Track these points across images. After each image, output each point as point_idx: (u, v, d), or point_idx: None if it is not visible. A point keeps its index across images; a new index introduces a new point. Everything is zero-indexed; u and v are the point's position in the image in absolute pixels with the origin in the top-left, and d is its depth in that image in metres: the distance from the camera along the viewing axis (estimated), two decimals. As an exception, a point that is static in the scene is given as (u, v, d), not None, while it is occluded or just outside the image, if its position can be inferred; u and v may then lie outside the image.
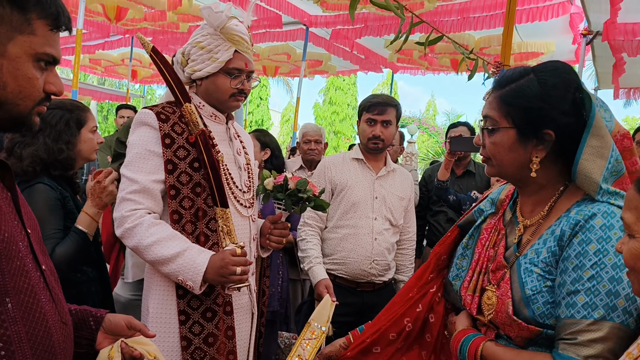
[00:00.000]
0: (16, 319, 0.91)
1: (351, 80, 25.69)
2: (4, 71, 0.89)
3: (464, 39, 6.56)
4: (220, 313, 1.68)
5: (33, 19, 0.91)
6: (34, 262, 0.99)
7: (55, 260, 1.71)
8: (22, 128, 0.98)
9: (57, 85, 0.97)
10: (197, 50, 1.70)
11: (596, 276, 1.02)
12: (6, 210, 0.95)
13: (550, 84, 1.13)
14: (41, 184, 1.79)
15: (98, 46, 9.30)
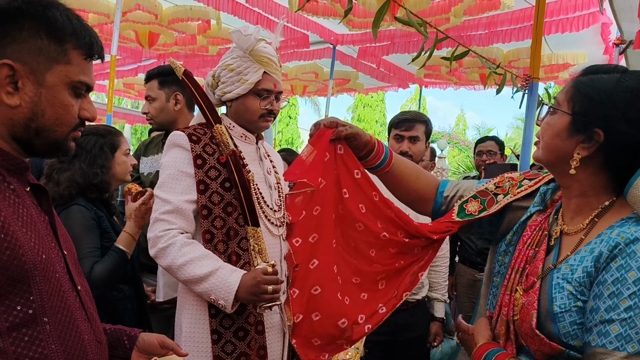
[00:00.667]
0: (53, 337, 0.93)
1: (379, 97, 25.75)
2: (42, 99, 0.94)
3: (492, 53, 6.50)
4: (252, 332, 1.68)
5: (69, 49, 0.96)
6: (70, 282, 1.03)
7: (94, 278, 1.78)
8: (59, 153, 1.03)
9: (90, 111, 1.03)
10: (227, 73, 1.74)
11: (634, 307, 0.96)
12: (44, 233, 0.98)
13: (625, 87, 1.05)
14: (76, 205, 1.86)
15: (131, 71, 9.60)
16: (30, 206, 0.98)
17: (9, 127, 0.94)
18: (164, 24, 6.36)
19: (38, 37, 0.93)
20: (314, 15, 5.78)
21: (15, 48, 0.92)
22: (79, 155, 1.92)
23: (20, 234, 0.90)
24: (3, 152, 0.95)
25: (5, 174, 0.95)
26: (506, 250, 1.29)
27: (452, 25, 5.57)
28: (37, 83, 0.94)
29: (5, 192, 0.93)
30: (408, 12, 2.31)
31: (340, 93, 10.17)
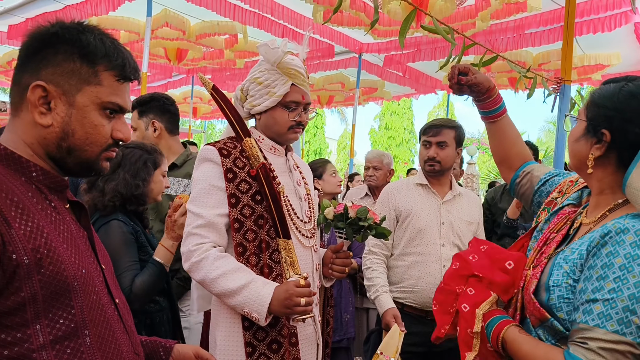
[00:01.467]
0: (94, 350, 0.96)
1: (406, 104, 25.64)
2: (72, 119, 0.98)
3: (521, 56, 6.41)
4: (286, 344, 1.68)
5: (100, 71, 0.99)
6: (108, 296, 1.05)
7: (136, 290, 1.83)
8: (92, 173, 1.06)
9: (123, 132, 1.05)
10: (256, 86, 1.76)
11: (617, 290, 1.06)
12: (83, 248, 1.01)
13: (626, 91, 1.18)
14: (115, 221, 1.91)
15: (161, 87, 9.82)
16: (70, 222, 1.01)
17: (44, 146, 0.98)
18: (192, 40, 6.49)
19: (71, 60, 0.97)
20: (339, 26, 5.81)
21: (50, 70, 0.96)
22: (123, 166, 2.00)
23: (61, 249, 0.93)
24: (45, 171, 0.98)
25: (46, 192, 0.98)
26: (536, 237, 1.41)
27: (478, 30, 5.51)
28: (68, 104, 0.97)
29: (47, 210, 0.96)
30: (434, 19, 2.29)
31: (367, 102, 10.16)
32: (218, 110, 12.42)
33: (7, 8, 6.05)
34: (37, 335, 0.89)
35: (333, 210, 1.80)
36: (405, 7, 4.50)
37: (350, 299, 3.23)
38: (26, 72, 0.97)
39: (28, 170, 0.96)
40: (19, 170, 0.95)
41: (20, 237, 0.87)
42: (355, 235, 1.80)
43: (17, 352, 0.87)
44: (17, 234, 0.87)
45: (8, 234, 0.86)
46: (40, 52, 0.96)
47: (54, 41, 0.96)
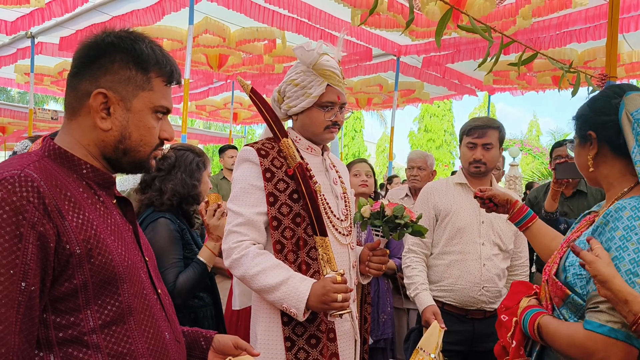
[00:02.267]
0: (139, 335, 1.03)
1: (446, 106, 25.27)
2: (129, 123, 1.06)
3: (564, 54, 6.24)
4: (324, 339, 1.71)
5: (152, 77, 1.07)
6: (151, 286, 1.12)
7: (179, 286, 1.93)
8: (142, 170, 1.15)
9: (169, 132, 1.13)
10: (292, 88, 1.80)
11: (619, 257, 1.20)
12: (129, 240, 1.08)
13: (592, 98, 1.44)
14: (163, 218, 2.02)
15: (202, 93, 10.06)
16: (117, 216, 1.09)
17: (101, 148, 1.06)
18: (232, 46, 6.64)
19: (127, 68, 1.04)
20: (376, 28, 5.81)
21: (109, 78, 1.03)
22: (178, 167, 2.12)
23: (109, 241, 1.00)
24: (95, 169, 1.06)
25: (95, 187, 1.06)
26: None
27: (519, 28, 5.40)
28: (125, 109, 1.05)
29: (96, 204, 1.03)
30: (470, 18, 2.28)
31: (406, 104, 10.10)
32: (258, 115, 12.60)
33: (58, 21, 6.35)
34: (88, 320, 0.96)
35: (369, 208, 1.83)
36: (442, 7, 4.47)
37: (388, 299, 3.23)
38: (84, 79, 1.03)
39: (79, 168, 1.04)
40: (71, 168, 1.03)
41: (73, 228, 0.94)
42: (392, 233, 1.82)
43: (70, 334, 0.95)
44: (70, 226, 0.94)
45: (62, 225, 0.93)
46: (98, 60, 1.04)
47: (110, 50, 1.04)
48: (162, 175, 2.09)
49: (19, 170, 0.92)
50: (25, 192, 0.89)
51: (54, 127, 9.81)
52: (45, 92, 11.07)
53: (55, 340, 0.94)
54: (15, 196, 0.88)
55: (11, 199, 0.88)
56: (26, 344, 0.89)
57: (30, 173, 0.92)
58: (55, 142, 1.05)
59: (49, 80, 8.73)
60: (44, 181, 0.93)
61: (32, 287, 0.88)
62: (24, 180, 0.90)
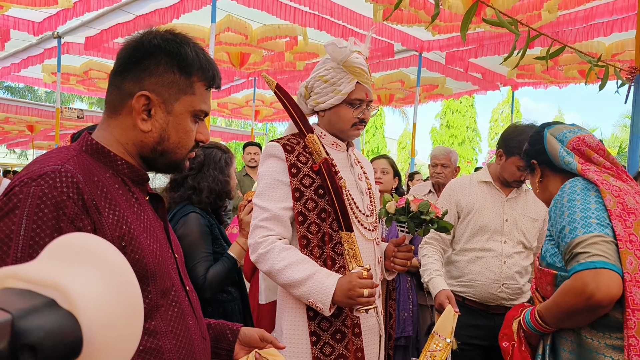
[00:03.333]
0: (167, 331, 1.03)
1: (469, 102, 24.96)
2: (169, 126, 1.06)
3: (592, 47, 6.10)
4: (349, 334, 1.72)
5: (195, 82, 1.08)
6: (180, 283, 1.13)
7: (209, 280, 1.97)
8: (176, 171, 1.15)
9: (205, 134, 1.14)
10: (321, 84, 1.80)
11: (571, 213, 1.48)
12: (160, 237, 1.09)
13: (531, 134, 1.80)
14: (193, 213, 2.07)
15: (224, 91, 10.13)
16: (150, 212, 1.10)
17: (139, 147, 1.07)
18: (254, 44, 6.66)
19: (171, 72, 1.04)
20: (399, 24, 5.77)
21: (153, 81, 1.03)
22: (208, 165, 2.18)
23: (142, 238, 1.01)
24: (130, 165, 1.07)
25: (130, 184, 1.07)
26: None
27: (545, 22, 5.30)
28: (166, 112, 1.05)
29: (131, 201, 1.05)
30: (497, 11, 2.25)
31: (427, 100, 10.01)
32: (279, 113, 12.61)
33: (84, 21, 6.46)
34: None
35: (395, 204, 1.82)
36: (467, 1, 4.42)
37: (410, 296, 3.21)
38: (127, 79, 1.04)
39: (115, 163, 1.05)
40: (107, 164, 1.04)
41: (109, 225, 0.95)
42: (417, 229, 1.81)
43: None
44: (106, 223, 0.95)
45: (99, 222, 0.94)
46: (143, 62, 1.04)
47: (156, 52, 1.04)
48: (194, 173, 2.15)
49: (60, 165, 0.93)
50: (65, 188, 0.91)
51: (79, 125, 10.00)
52: (71, 91, 11.30)
53: None
54: (57, 191, 0.90)
55: (52, 193, 0.89)
56: None
57: (70, 168, 0.93)
58: (93, 137, 1.06)
59: (75, 79, 8.89)
60: (82, 177, 0.94)
61: None
62: (64, 176, 0.92)
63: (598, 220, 1.42)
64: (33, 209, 0.88)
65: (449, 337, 1.85)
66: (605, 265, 1.34)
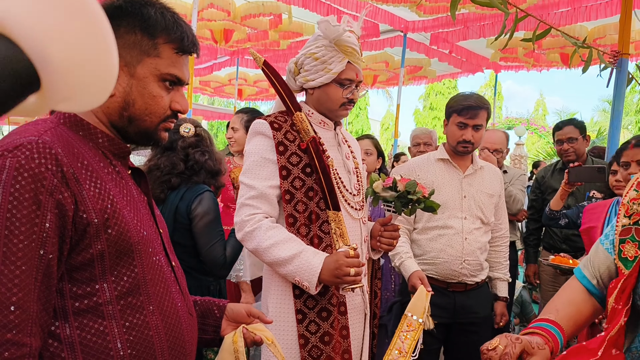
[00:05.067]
0: (154, 306, 1.02)
1: (452, 84, 25.04)
2: (133, 90, 1.02)
3: (574, 31, 6.14)
4: (335, 313, 1.73)
5: (160, 43, 1.02)
6: (165, 258, 1.11)
7: (229, 258, 2.03)
8: (151, 142, 1.10)
9: (182, 103, 1.08)
10: (311, 61, 1.78)
11: None
12: (144, 212, 1.07)
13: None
14: (208, 192, 2.11)
15: (207, 69, 9.98)
16: (132, 187, 1.07)
17: (107, 115, 1.03)
18: (237, 21, 6.55)
19: (133, 33, 1.00)
20: (384, 4, 5.73)
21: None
22: (199, 145, 2.16)
23: (125, 211, 0.98)
24: (110, 138, 1.04)
25: (111, 157, 1.04)
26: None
27: (530, 4, 5.31)
28: (129, 74, 1.01)
29: (112, 174, 1.01)
30: (485, -9, 2.24)
31: (411, 82, 10.01)
32: (262, 92, 12.46)
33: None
34: (104, 290, 0.95)
35: (382, 184, 1.82)
36: (453, -18, 4.39)
37: (392, 277, 3.24)
38: None
39: (95, 136, 1.01)
40: (87, 136, 1.01)
41: (90, 197, 0.92)
42: (404, 209, 1.82)
43: (87, 304, 0.94)
44: (88, 195, 0.92)
45: (80, 194, 0.91)
46: None
47: (117, 14, 0.99)
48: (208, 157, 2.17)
49: (37, 136, 0.90)
50: (43, 159, 0.87)
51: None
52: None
53: (71, 310, 0.93)
54: (34, 163, 0.86)
55: (29, 165, 0.86)
56: (44, 312, 0.88)
57: (48, 140, 0.90)
58: None
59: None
60: (61, 148, 0.91)
61: (50, 255, 0.87)
62: (42, 147, 0.88)
63: None
64: (10, 181, 0.84)
65: (421, 318, 1.88)
66: None
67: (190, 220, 2.04)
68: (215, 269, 2.05)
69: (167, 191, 2.06)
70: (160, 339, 1.02)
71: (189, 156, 2.10)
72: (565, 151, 3.51)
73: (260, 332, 1.26)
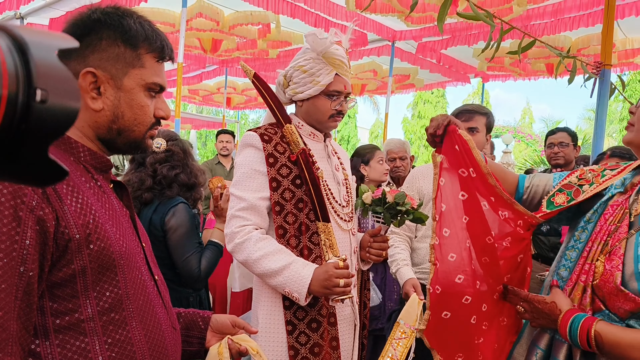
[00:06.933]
0: (136, 322, 1.01)
1: (440, 92, 25.24)
2: (121, 102, 1.02)
3: (559, 42, 6.24)
4: (325, 324, 1.73)
5: (142, 54, 1.04)
6: (148, 272, 1.10)
7: (204, 271, 2.03)
8: (139, 150, 1.11)
9: (164, 110, 1.10)
10: (300, 74, 1.80)
11: None
12: (126, 226, 1.06)
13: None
14: (182, 204, 2.08)
15: (195, 78, 9.96)
16: (114, 201, 1.06)
17: (95, 129, 1.02)
18: (226, 30, 6.57)
19: (115, 45, 1.00)
20: (372, 13, 5.78)
21: (97, 56, 0.99)
22: (187, 157, 2.16)
23: (107, 226, 0.97)
24: (92, 152, 1.03)
25: (93, 171, 1.03)
26: (584, 227, 1.40)
27: (515, 15, 5.39)
28: (116, 87, 1.01)
29: (94, 188, 1.01)
30: (471, 3, 2.28)
31: (400, 90, 10.08)
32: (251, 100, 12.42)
33: (48, 2, 6.24)
34: (86, 306, 0.94)
35: (371, 195, 1.84)
36: (439, -7, 4.44)
37: (395, 287, 3.23)
38: (71, 59, 0.99)
39: (76, 150, 1.01)
40: (67, 151, 1.00)
41: (72, 213, 0.91)
42: (393, 220, 1.83)
43: (68, 321, 0.92)
44: (69, 210, 0.90)
45: (61, 210, 0.89)
46: (84, 39, 0.99)
47: (97, 27, 0.99)
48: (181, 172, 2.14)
49: None
50: None
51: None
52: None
53: (52, 328, 0.91)
54: None
55: None
56: (24, 331, 0.86)
57: None
58: None
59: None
60: None
61: (30, 272, 0.85)
62: None
63: None
64: None
65: (413, 324, 1.89)
66: None
67: (164, 232, 2.04)
68: (190, 282, 2.04)
69: (140, 206, 2.08)
70: (143, 354, 1.01)
71: (156, 172, 2.11)
72: (555, 154, 3.55)
73: (245, 343, 1.26)
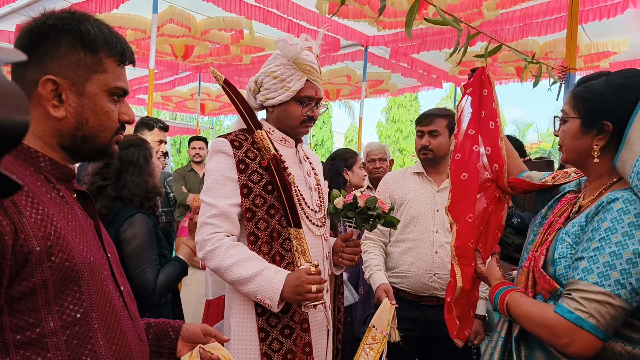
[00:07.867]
0: (101, 335, 0.98)
1: (412, 96, 25.51)
2: (85, 109, 1.00)
3: (527, 46, 6.38)
4: (298, 330, 1.73)
5: (103, 58, 1.01)
6: (114, 283, 1.07)
7: (159, 285, 1.92)
8: (105, 156, 1.08)
9: (129, 114, 1.08)
10: (271, 80, 1.79)
11: (600, 248, 1.22)
12: (90, 236, 1.03)
13: (616, 84, 1.32)
14: (140, 214, 1.99)
15: (168, 84, 9.86)
16: (78, 211, 1.03)
17: (58, 137, 0.99)
18: (198, 36, 6.52)
19: (75, 51, 0.97)
20: (344, 19, 5.81)
21: (56, 63, 0.96)
22: (126, 170, 2.05)
23: (70, 237, 0.94)
24: (53, 162, 0.99)
25: (54, 181, 1.00)
26: (540, 222, 1.55)
27: (486, 19, 5.50)
28: (78, 94, 0.98)
29: (56, 199, 0.98)
30: (438, 9, 2.31)
31: (373, 95, 10.16)
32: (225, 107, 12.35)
33: (14, 7, 6.10)
34: (48, 321, 0.90)
35: (342, 200, 1.84)
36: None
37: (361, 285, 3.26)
38: (29, 67, 0.96)
39: (37, 160, 0.97)
40: (27, 161, 0.97)
41: (32, 225, 0.88)
42: (365, 224, 1.84)
43: (29, 336, 0.89)
44: (29, 222, 0.87)
45: (20, 222, 0.86)
46: (42, 45, 0.96)
47: (54, 33, 0.96)
48: (111, 183, 2.03)
49: None
50: None
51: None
52: (2, 82, 10.62)
53: (12, 344, 0.87)
54: None
55: None
56: None
57: None
58: None
59: (6, 69, 8.38)
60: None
61: None
62: None
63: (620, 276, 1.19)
64: None
65: (385, 329, 1.90)
66: (592, 329, 1.19)
67: (119, 243, 1.96)
68: (145, 295, 1.94)
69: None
70: None
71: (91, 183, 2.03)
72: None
73: (217, 351, 1.24)
